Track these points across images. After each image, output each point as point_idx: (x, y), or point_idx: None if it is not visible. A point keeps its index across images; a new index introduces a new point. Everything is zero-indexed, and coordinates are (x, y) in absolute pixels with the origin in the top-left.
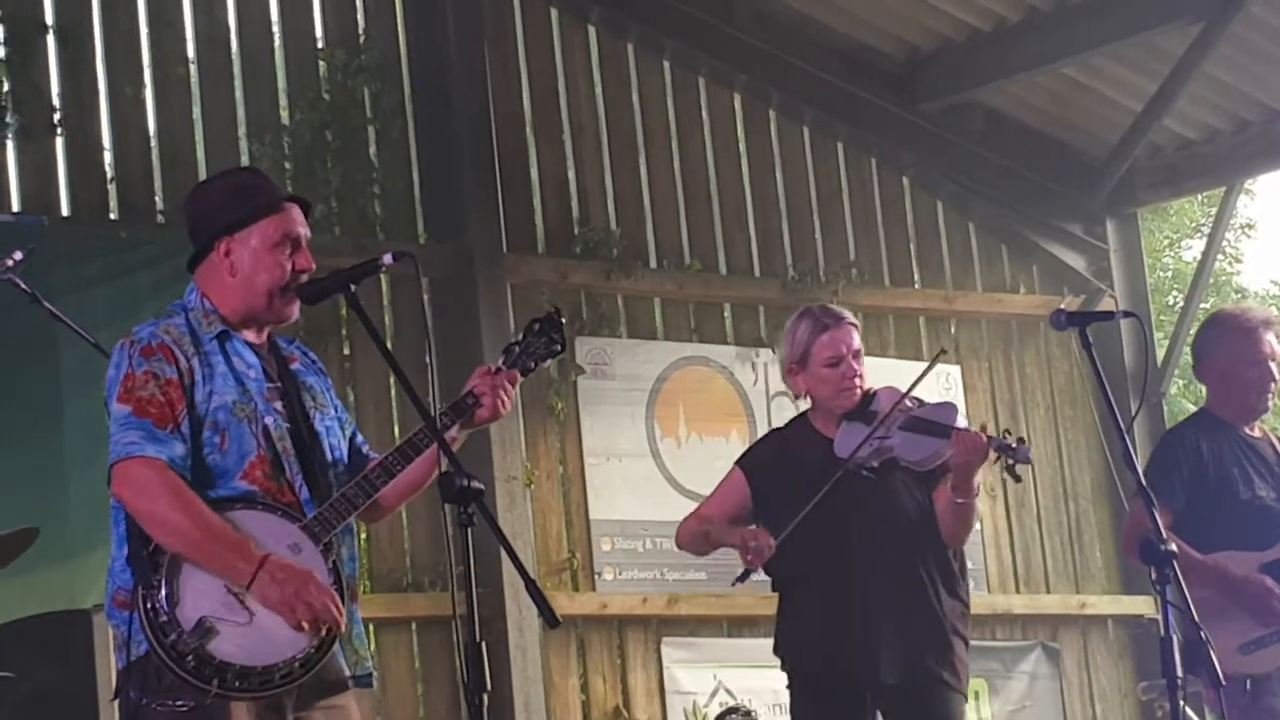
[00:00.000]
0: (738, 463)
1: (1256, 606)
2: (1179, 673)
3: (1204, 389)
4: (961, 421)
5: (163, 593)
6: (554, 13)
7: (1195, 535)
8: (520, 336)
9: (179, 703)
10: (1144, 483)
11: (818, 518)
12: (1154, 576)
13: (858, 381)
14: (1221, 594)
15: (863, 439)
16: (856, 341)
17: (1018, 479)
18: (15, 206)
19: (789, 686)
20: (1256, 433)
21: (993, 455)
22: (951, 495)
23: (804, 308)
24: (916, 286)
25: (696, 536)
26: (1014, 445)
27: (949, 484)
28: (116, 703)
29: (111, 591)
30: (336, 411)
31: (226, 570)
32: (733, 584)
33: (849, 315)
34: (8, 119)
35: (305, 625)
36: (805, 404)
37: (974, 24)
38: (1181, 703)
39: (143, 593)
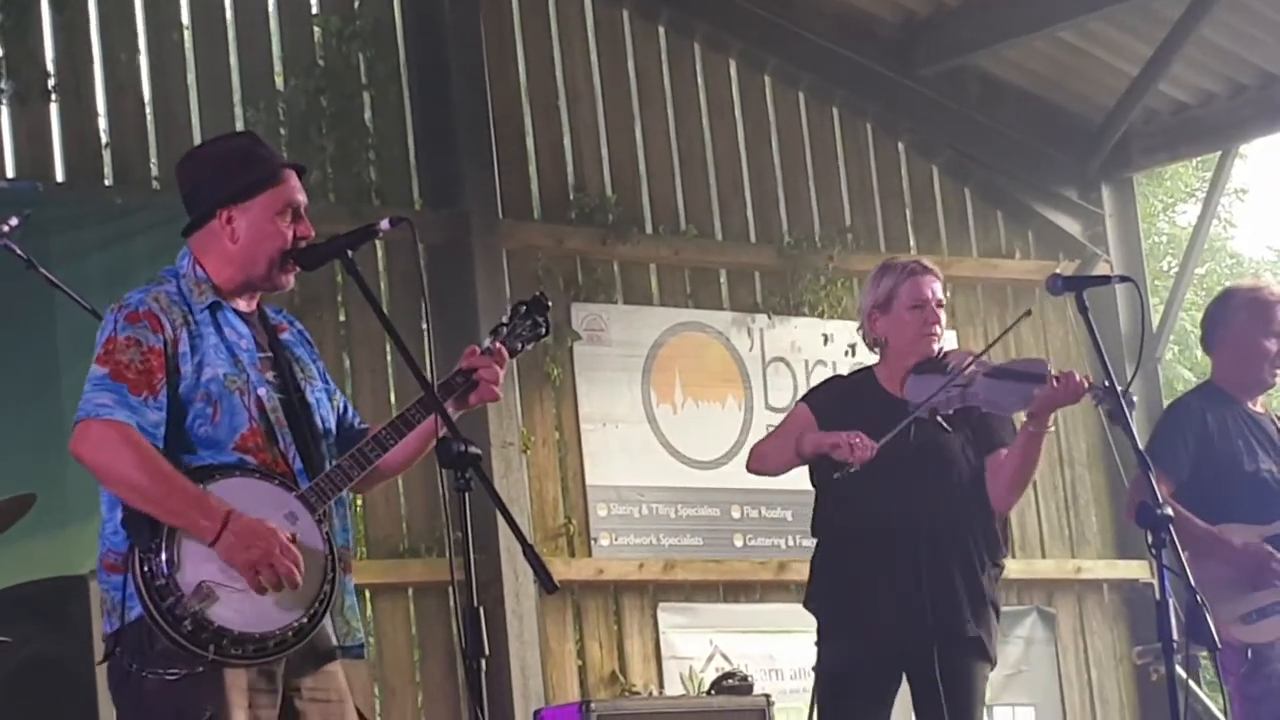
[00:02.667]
0: (803, 399)
1: (1256, 575)
2: (1174, 636)
3: (1208, 361)
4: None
5: (162, 556)
6: None
7: (1199, 507)
8: (507, 318)
9: (170, 671)
10: (1143, 449)
11: (873, 468)
12: (1150, 540)
13: (938, 330)
14: (1222, 563)
15: (939, 387)
16: (940, 293)
17: (1115, 420)
18: (10, 173)
19: (818, 638)
20: (1259, 408)
21: (1090, 400)
22: (1027, 425)
23: (887, 260)
24: (912, 252)
25: (781, 448)
26: (1104, 389)
27: (1027, 420)
28: (104, 667)
29: (102, 554)
30: (325, 383)
31: (190, 527)
32: (837, 476)
33: (936, 270)
34: (2, 85)
35: (267, 586)
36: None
37: None
38: (1177, 666)
39: (139, 555)
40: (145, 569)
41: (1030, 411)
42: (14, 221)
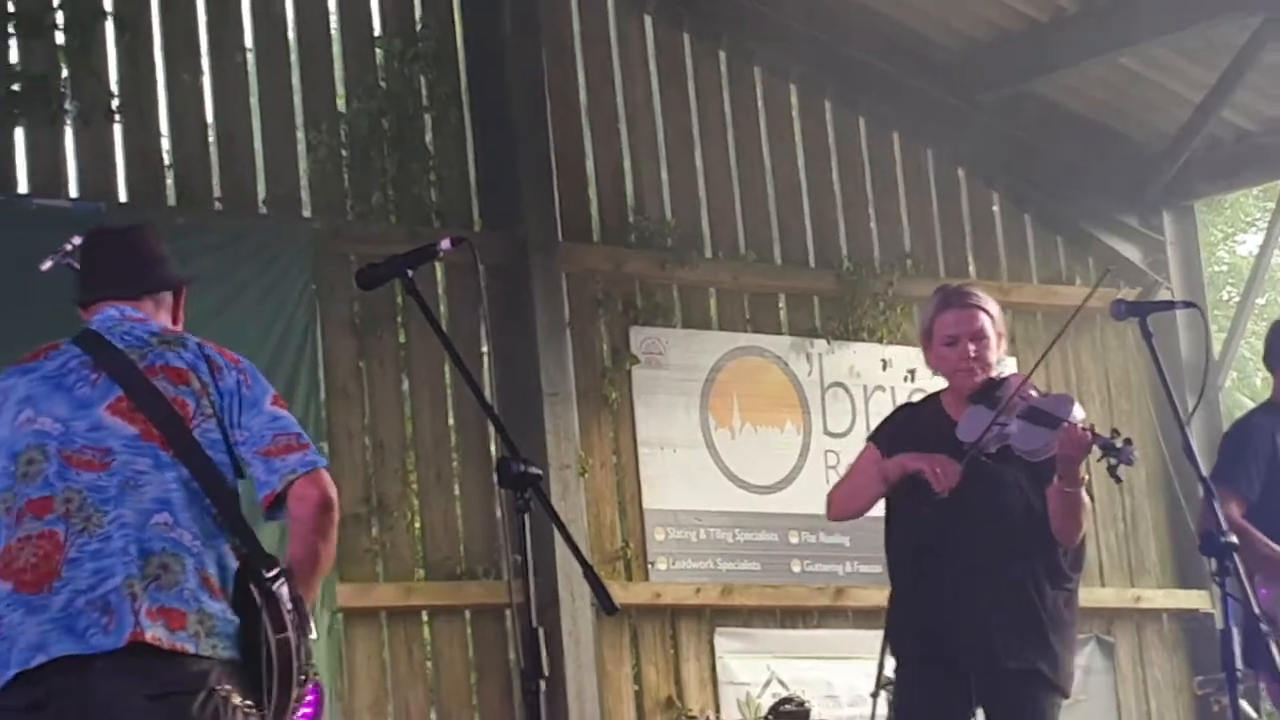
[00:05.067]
0: (869, 438)
1: None
2: (1239, 667)
3: (1267, 389)
4: (1078, 413)
5: None
6: (610, 2)
7: (1268, 525)
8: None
9: None
10: (1212, 473)
11: (936, 501)
12: (1213, 569)
13: (973, 364)
14: None
15: (986, 425)
16: (980, 324)
17: (1118, 480)
18: (73, 193)
19: (896, 671)
20: None
21: (1097, 452)
22: (1058, 484)
23: (940, 286)
24: (972, 278)
25: (862, 487)
26: (1118, 446)
27: (1056, 476)
28: None
29: None
30: None
31: None
32: (922, 513)
33: (980, 297)
34: (66, 105)
35: None
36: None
37: (1031, 14)
38: (1241, 700)
39: None
40: None
41: (1057, 472)
42: (76, 240)
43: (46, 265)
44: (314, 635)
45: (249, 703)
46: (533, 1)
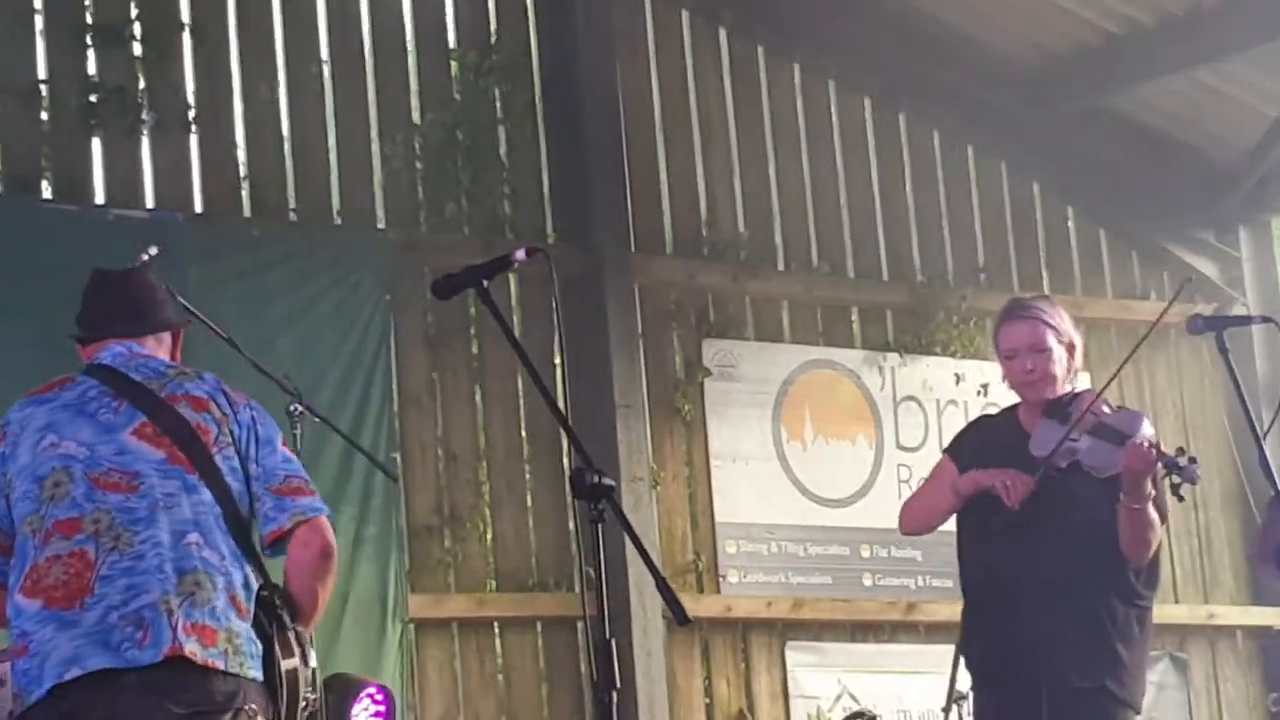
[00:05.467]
0: (945, 450)
1: None
2: None
3: None
4: (1146, 430)
5: None
6: (685, 15)
7: None
8: None
9: None
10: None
11: (1007, 516)
12: None
13: (1034, 376)
14: None
15: (1058, 441)
16: (1038, 336)
17: (1180, 498)
18: (150, 203)
19: (972, 686)
20: None
21: (1161, 470)
22: (1124, 500)
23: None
24: (1046, 290)
25: (938, 502)
26: (1182, 464)
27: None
28: None
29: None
30: None
31: None
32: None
33: (1041, 309)
34: (144, 116)
35: None
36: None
37: (1107, 27)
38: None
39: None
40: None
41: (1123, 488)
42: (153, 251)
43: None
44: (313, 664)
45: None
46: (607, 14)
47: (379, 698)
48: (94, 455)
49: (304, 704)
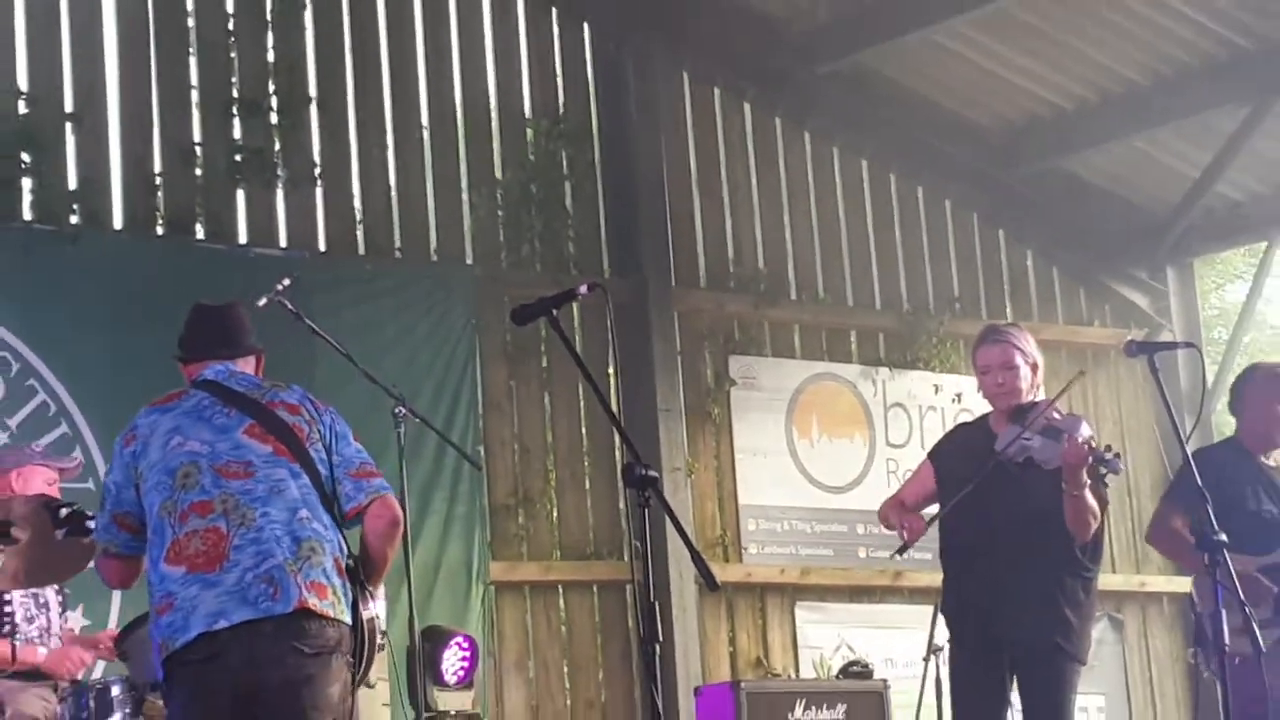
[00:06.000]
0: (928, 454)
1: (1250, 597)
2: (1227, 642)
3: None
4: (1084, 431)
5: None
6: (717, 92)
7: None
8: None
9: None
10: (1165, 491)
11: (973, 502)
12: (1206, 561)
13: (1003, 389)
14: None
15: (1014, 440)
16: (1007, 356)
17: (1106, 485)
18: (283, 243)
19: (949, 643)
20: (1273, 462)
21: (1090, 461)
22: (1065, 487)
23: (985, 325)
24: (1008, 318)
25: (887, 515)
26: (1108, 458)
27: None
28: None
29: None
30: None
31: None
32: (892, 556)
33: (1013, 335)
34: (278, 172)
35: None
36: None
37: (1058, 102)
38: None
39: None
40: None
41: (1063, 479)
42: (286, 282)
43: (262, 302)
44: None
45: (350, 659)
46: (653, 91)
47: (465, 645)
48: (215, 451)
49: (379, 644)
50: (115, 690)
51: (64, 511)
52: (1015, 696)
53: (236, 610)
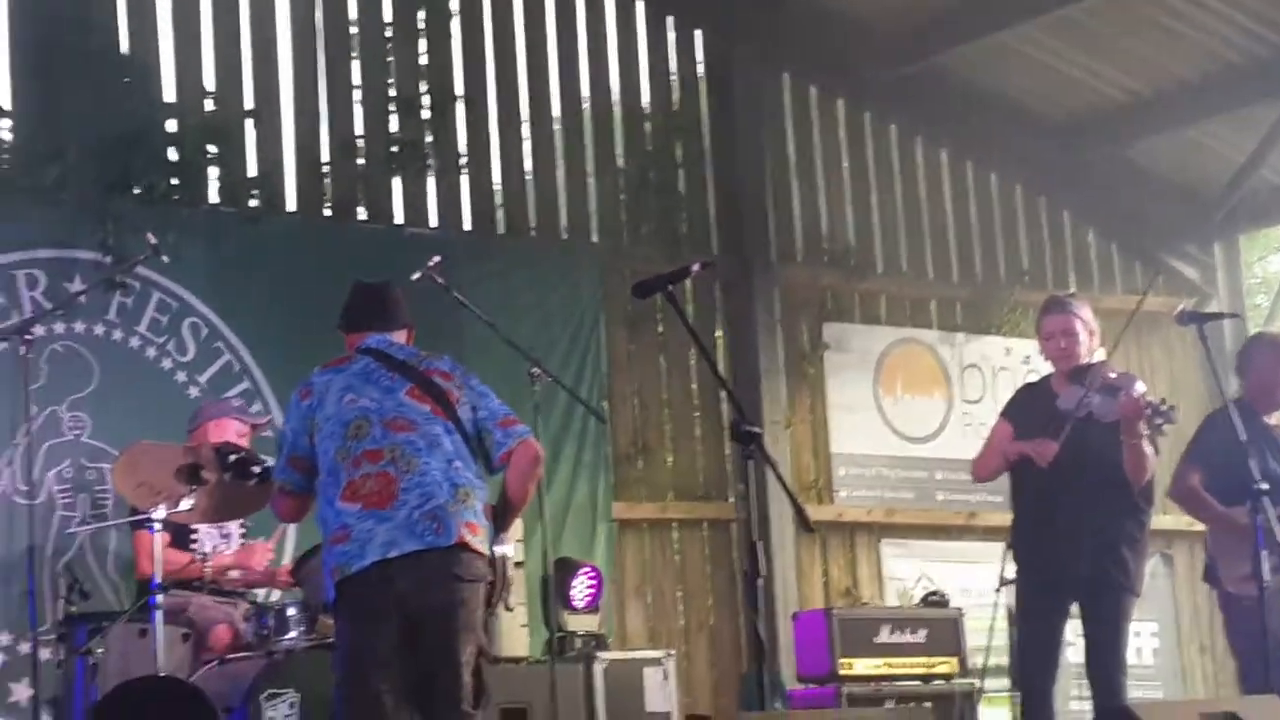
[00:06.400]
0: (1001, 413)
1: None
2: (1266, 575)
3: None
4: (1139, 387)
5: None
6: (813, 90)
7: (1218, 493)
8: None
9: None
10: (1185, 450)
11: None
12: (1250, 506)
13: (1065, 353)
14: (1230, 535)
15: (1078, 398)
16: (1069, 324)
17: (1162, 433)
18: (433, 223)
19: (1017, 575)
20: (1274, 420)
21: (1147, 413)
22: (1124, 437)
23: (1050, 295)
24: (1072, 289)
25: (993, 460)
26: (1163, 409)
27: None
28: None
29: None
30: None
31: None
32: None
33: (1074, 305)
34: (429, 161)
35: None
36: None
37: (1118, 97)
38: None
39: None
40: None
41: (1121, 430)
42: (436, 260)
43: (416, 276)
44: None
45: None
46: (758, 90)
47: (592, 574)
48: (382, 407)
49: (508, 579)
50: (292, 611)
51: (232, 458)
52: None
53: (406, 541)
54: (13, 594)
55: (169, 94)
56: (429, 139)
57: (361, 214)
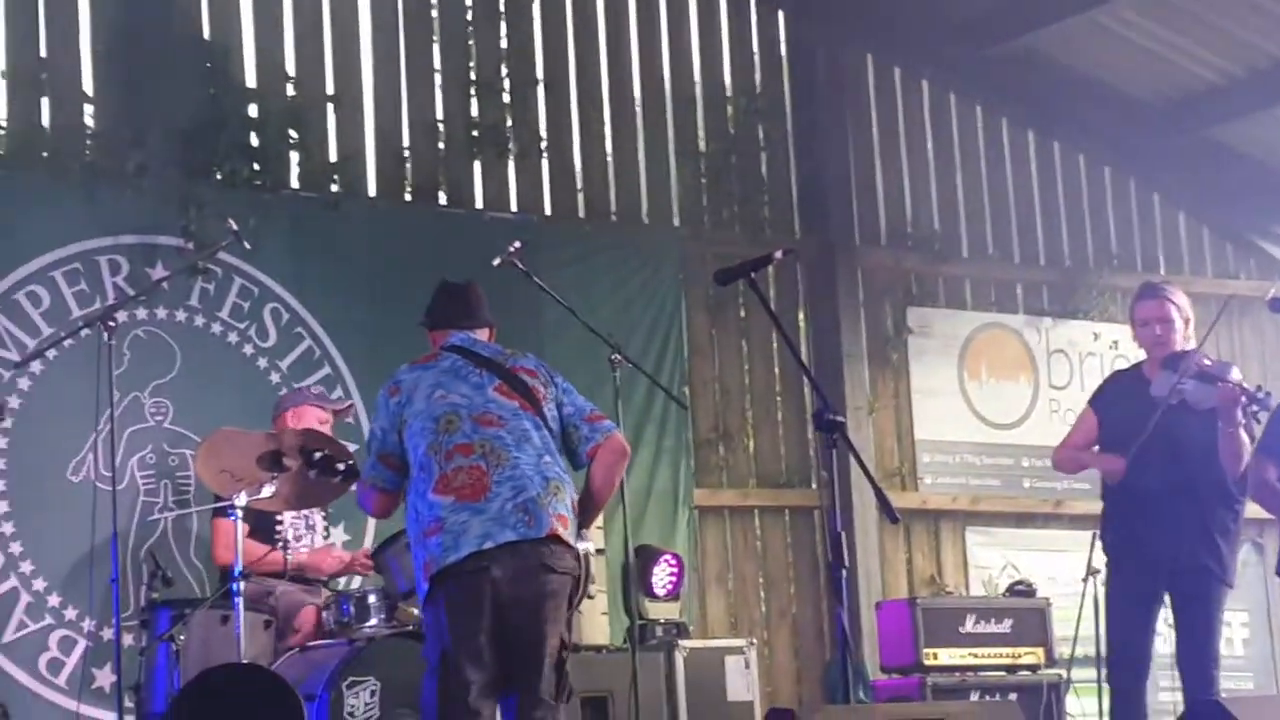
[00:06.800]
0: (1089, 401)
1: None
2: None
3: None
4: (1235, 374)
5: None
6: (897, 71)
7: None
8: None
9: None
10: (1258, 444)
11: (1134, 437)
12: None
13: (1159, 339)
14: None
15: (1171, 385)
16: (1164, 311)
17: (1257, 421)
18: (513, 208)
19: (1107, 564)
20: None
21: (1244, 400)
22: (1221, 425)
23: (1144, 280)
24: (1161, 273)
25: (1070, 460)
26: (1260, 396)
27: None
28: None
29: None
30: None
31: None
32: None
33: (1169, 291)
34: (509, 145)
35: None
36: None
37: (1209, 77)
38: None
39: None
40: None
41: (1219, 417)
42: (517, 245)
43: (496, 262)
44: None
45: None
46: (841, 72)
47: (673, 561)
48: (472, 403)
49: (591, 574)
50: (372, 598)
51: (317, 455)
52: (1158, 620)
53: (500, 533)
54: (97, 580)
55: (250, 79)
56: (509, 123)
57: (442, 199)
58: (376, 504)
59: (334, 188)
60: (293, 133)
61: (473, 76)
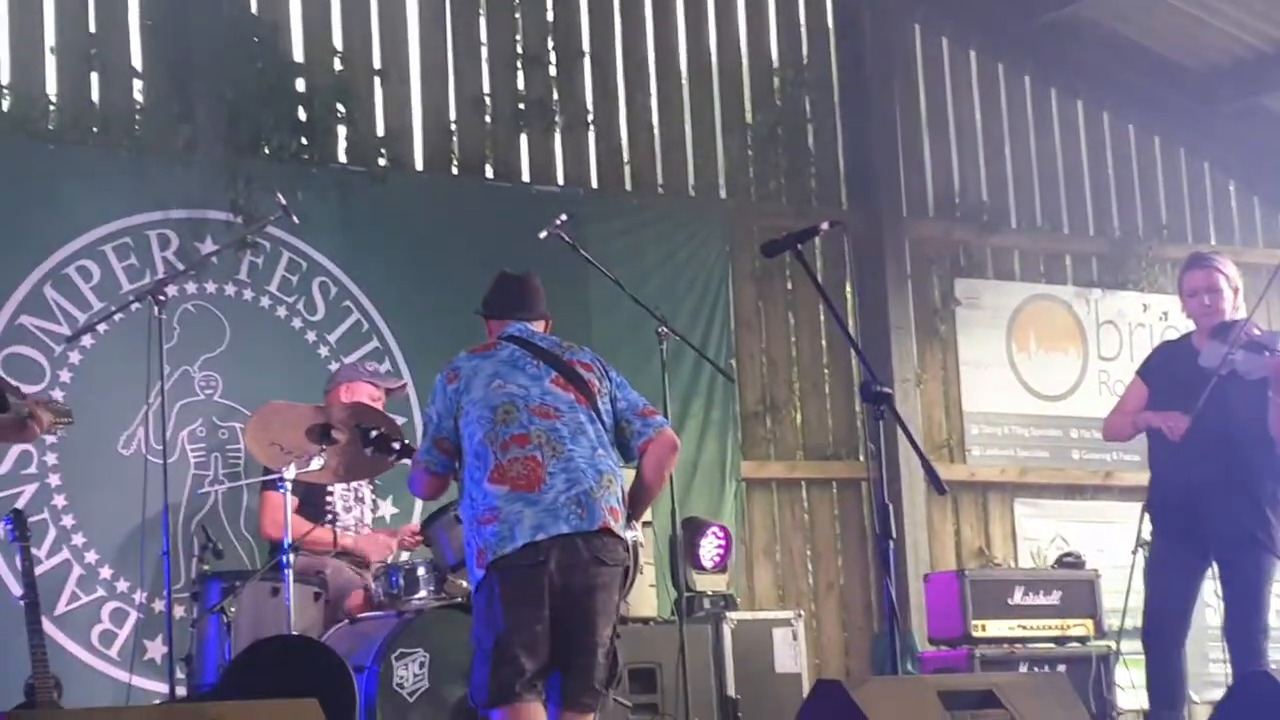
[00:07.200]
0: (1138, 371)
1: None
2: None
3: None
4: None
5: None
6: (945, 41)
7: None
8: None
9: None
10: None
11: (1185, 410)
12: None
13: (1208, 310)
14: None
15: (1221, 355)
16: (1213, 281)
17: None
18: (560, 181)
19: (1153, 534)
20: None
21: None
22: (1272, 395)
23: (1193, 250)
24: (1211, 243)
25: (1124, 425)
26: None
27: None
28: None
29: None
30: None
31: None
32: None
33: (1218, 261)
34: (556, 118)
35: None
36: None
37: (1259, 45)
38: None
39: None
40: None
41: (1270, 385)
42: (564, 217)
43: (543, 234)
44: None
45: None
46: (888, 43)
47: (720, 534)
48: (529, 394)
49: (640, 564)
50: (420, 570)
51: (373, 434)
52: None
53: (553, 524)
54: (148, 553)
55: (298, 54)
56: (556, 96)
57: (489, 172)
58: (427, 486)
59: (381, 161)
60: (340, 107)
61: (519, 50)
